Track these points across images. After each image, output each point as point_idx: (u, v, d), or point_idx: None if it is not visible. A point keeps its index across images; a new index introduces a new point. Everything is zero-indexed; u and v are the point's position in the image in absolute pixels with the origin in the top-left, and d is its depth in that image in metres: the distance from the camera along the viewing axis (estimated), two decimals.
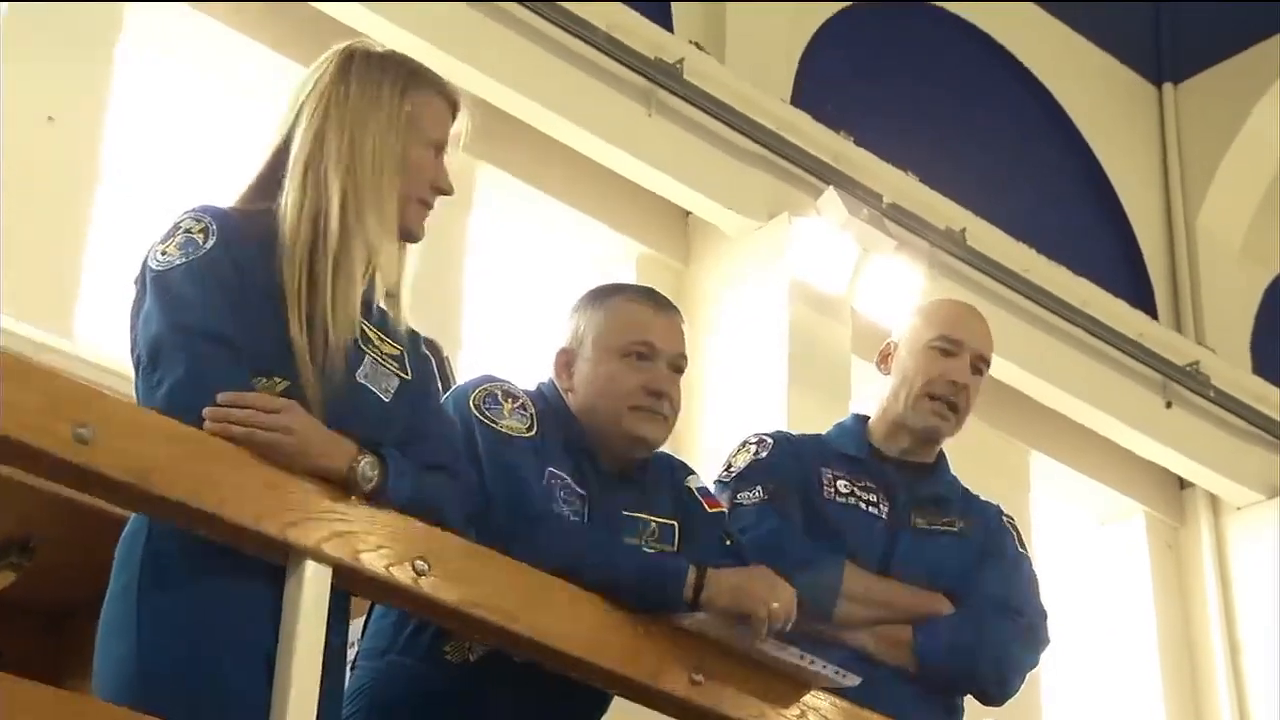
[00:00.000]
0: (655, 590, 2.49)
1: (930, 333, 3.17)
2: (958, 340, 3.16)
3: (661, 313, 2.82)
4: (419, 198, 2.41)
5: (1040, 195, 7.42)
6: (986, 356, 3.20)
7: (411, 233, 2.43)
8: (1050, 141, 7.61)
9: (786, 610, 2.54)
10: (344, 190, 2.32)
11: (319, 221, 2.31)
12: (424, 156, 2.41)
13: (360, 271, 2.31)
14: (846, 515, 3.09)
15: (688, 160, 5.88)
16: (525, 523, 2.54)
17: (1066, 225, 7.45)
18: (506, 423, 2.67)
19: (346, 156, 2.34)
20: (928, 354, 3.15)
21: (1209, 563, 7.37)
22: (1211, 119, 7.94)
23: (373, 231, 2.32)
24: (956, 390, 3.13)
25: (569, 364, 2.81)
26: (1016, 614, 3.03)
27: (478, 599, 2.30)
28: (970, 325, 3.20)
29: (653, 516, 2.78)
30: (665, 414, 2.76)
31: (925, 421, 3.14)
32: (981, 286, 6.57)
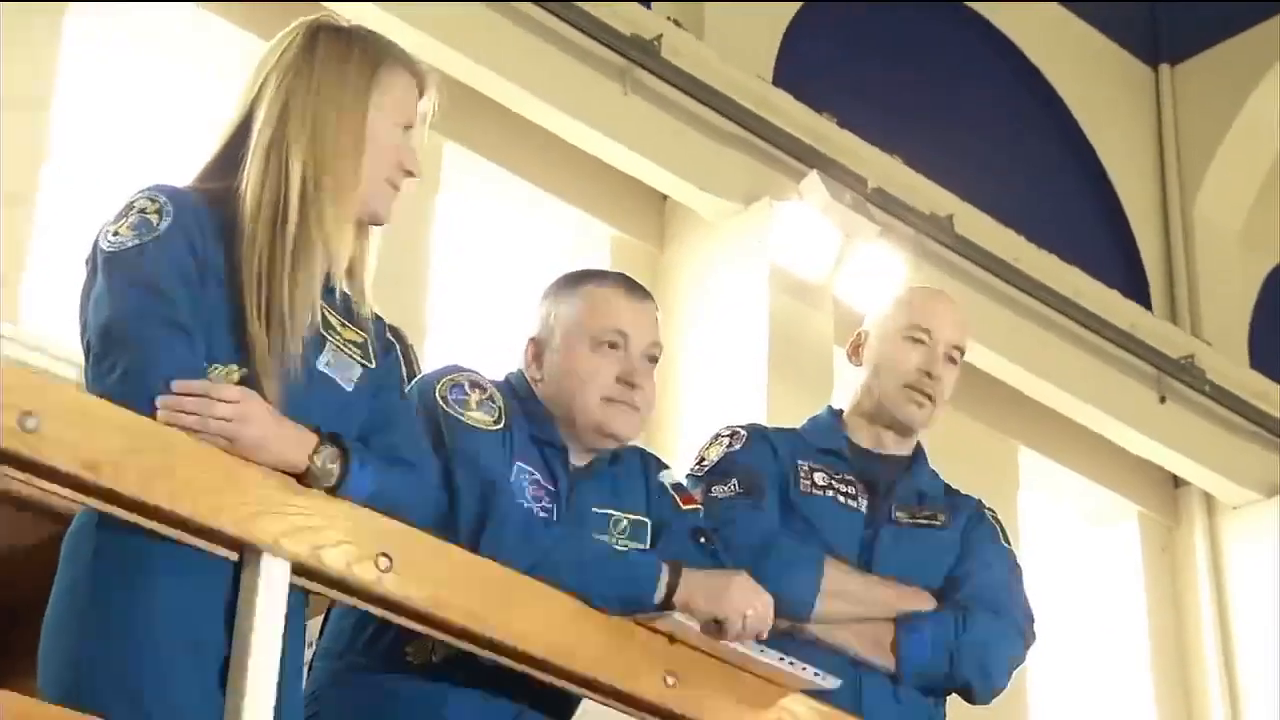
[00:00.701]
0: (627, 589, 2.50)
1: (900, 321, 3.20)
2: (928, 329, 3.18)
3: (635, 300, 2.82)
4: (386, 179, 2.41)
5: (1031, 180, 7.44)
6: (960, 344, 3.21)
7: (378, 215, 2.43)
8: (1042, 125, 7.63)
9: (763, 618, 2.55)
10: (305, 171, 2.32)
11: (279, 204, 2.31)
12: (391, 136, 2.41)
13: (319, 256, 2.31)
14: (824, 509, 3.11)
15: (664, 141, 5.89)
16: (492, 519, 2.54)
17: (1058, 212, 7.48)
18: (473, 414, 2.67)
19: (309, 136, 2.34)
20: (898, 343, 3.18)
21: (1204, 565, 7.41)
22: (1209, 102, 7.97)
23: (332, 215, 2.32)
24: (929, 380, 3.15)
25: (538, 353, 2.81)
26: (1001, 609, 3.06)
27: (442, 598, 2.30)
28: (941, 312, 3.22)
29: (625, 513, 2.78)
30: (638, 406, 2.77)
31: (900, 412, 3.16)
32: (969, 275, 6.60)
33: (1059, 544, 7.51)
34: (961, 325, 3.24)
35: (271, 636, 2.16)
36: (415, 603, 2.28)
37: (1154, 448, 7.21)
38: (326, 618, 2.69)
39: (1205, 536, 7.46)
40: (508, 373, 2.86)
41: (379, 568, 2.24)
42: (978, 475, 5.85)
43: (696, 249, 6.12)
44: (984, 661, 3.01)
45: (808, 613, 2.99)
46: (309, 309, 2.29)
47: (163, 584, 2.17)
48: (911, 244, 6.35)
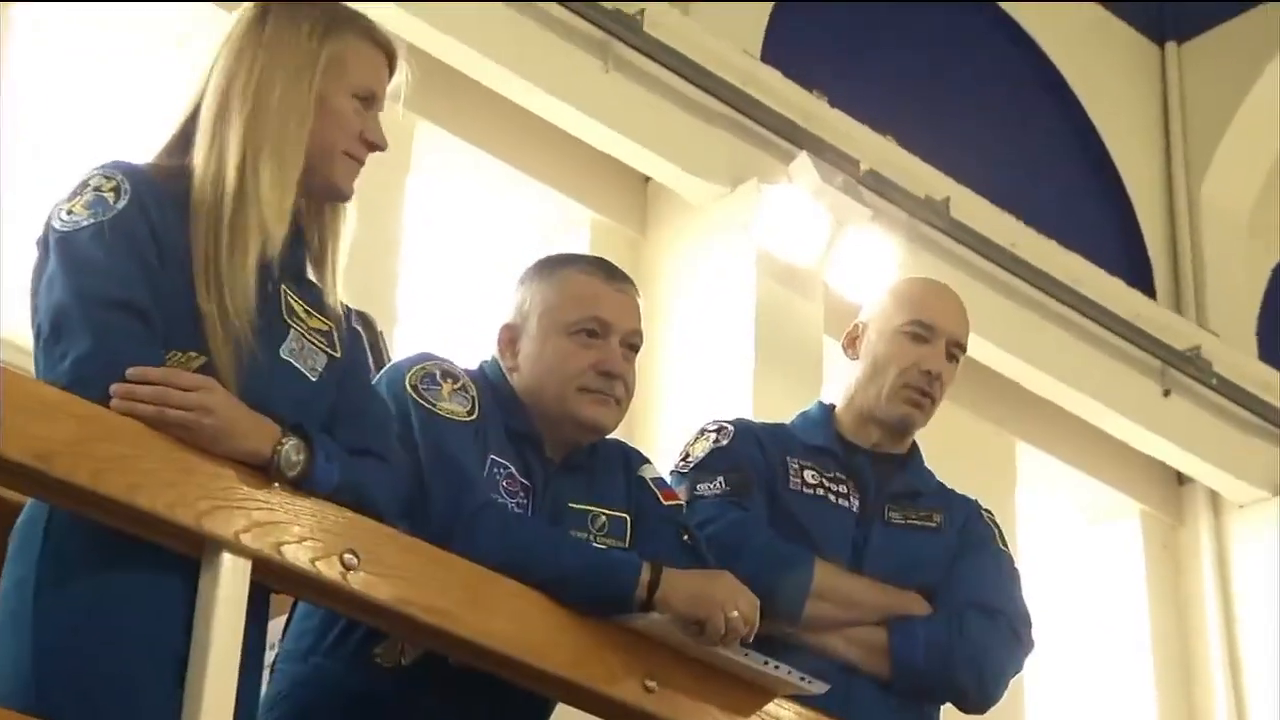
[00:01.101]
0: (605, 589, 2.51)
1: (901, 316, 3.20)
2: (931, 325, 3.19)
3: (615, 286, 2.83)
4: (344, 151, 2.41)
5: (1030, 163, 7.45)
6: (962, 342, 3.22)
7: (336, 189, 2.42)
8: (1042, 104, 7.64)
9: (748, 619, 2.56)
10: (245, 143, 2.33)
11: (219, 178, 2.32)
12: (346, 105, 2.40)
13: (254, 230, 2.30)
14: (814, 508, 3.11)
15: (647, 120, 5.89)
16: (465, 514, 2.55)
17: (1058, 196, 7.49)
18: (445, 405, 2.68)
19: (251, 106, 2.34)
20: (899, 339, 3.18)
21: (1208, 565, 7.43)
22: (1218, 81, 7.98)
23: (269, 186, 2.31)
24: (930, 380, 3.16)
25: (513, 341, 2.82)
26: (997, 614, 3.07)
27: (412, 596, 2.30)
28: (945, 308, 3.23)
29: (603, 509, 2.79)
30: (617, 397, 2.77)
31: (897, 412, 3.16)
32: (964, 261, 6.61)
33: (1057, 543, 7.53)
34: (965, 322, 3.25)
35: (231, 637, 2.16)
36: (383, 601, 2.28)
37: (1157, 443, 7.23)
38: (290, 617, 2.69)
39: (1210, 536, 7.48)
40: (481, 362, 2.86)
41: (345, 565, 2.24)
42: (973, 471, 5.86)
43: (680, 233, 6.11)
44: (980, 668, 3.02)
45: (796, 615, 3.00)
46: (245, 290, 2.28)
47: (117, 581, 2.17)
48: (905, 229, 6.36)
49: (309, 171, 2.38)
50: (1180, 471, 7.51)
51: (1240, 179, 7.93)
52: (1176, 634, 7.40)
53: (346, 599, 2.28)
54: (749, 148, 6.12)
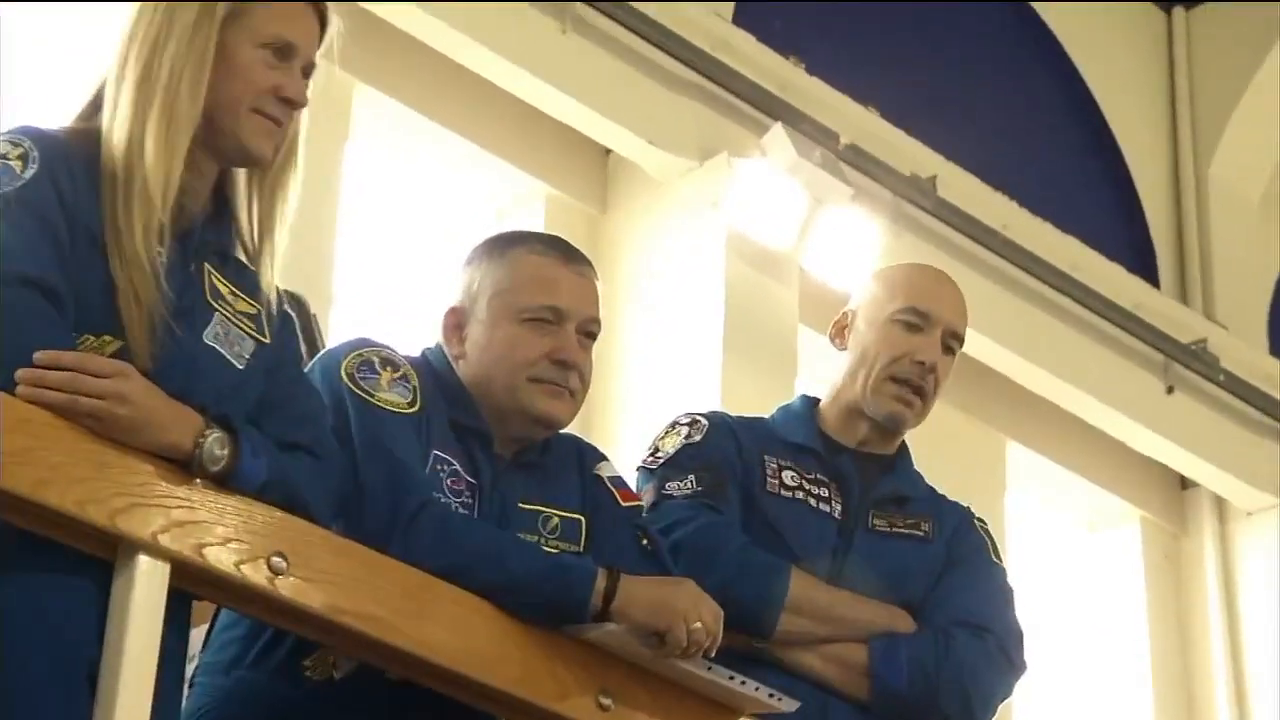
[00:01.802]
0: (557, 596, 2.51)
1: (894, 304, 3.20)
2: (926, 313, 3.19)
3: (572, 268, 2.83)
4: (252, 107, 2.39)
5: (1024, 138, 7.48)
6: (959, 332, 3.23)
7: (247, 152, 2.41)
8: (1038, 74, 7.67)
9: (711, 631, 2.57)
10: (135, 103, 2.32)
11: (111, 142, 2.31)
12: (253, 57, 2.39)
13: (140, 202, 2.28)
14: (793, 512, 3.12)
15: (608, 88, 5.89)
16: (404, 514, 2.55)
17: (1055, 174, 7.52)
18: (384, 395, 2.68)
19: (144, 62, 2.33)
20: (891, 328, 3.19)
21: (1213, 577, 7.47)
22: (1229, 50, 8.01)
23: (156, 146, 2.30)
24: (923, 372, 3.16)
25: (460, 326, 2.82)
26: (987, 633, 3.08)
27: (345, 604, 2.31)
28: (942, 295, 3.23)
29: (555, 510, 2.80)
30: (573, 389, 2.78)
31: (886, 408, 3.17)
32: (952, 244, 6.63)
33: (1050, 552, 7.56)
34: (963, 312, 3.26)
35: (148, 647, 2.16)
36: (314, 609, 2.28)
37: (1159, 444, 7.27)
38: (212, 626, 2.69)
39: (1216, 545, 7.52)
40: (424, 348, 2.86)
41: (273, 569, 2.24)
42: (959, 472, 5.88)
43: (643, 211, 6.12)
44: (966, 691, 3.04)
45: (768, 630, 3.00)
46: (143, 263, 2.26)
47: (22, 586, 2.17)
48: (889, 209, 6.37)
49: (215, 133, 2.37)
50: (1184, 475, 7.55)
51: (1252, 158, 7.96)
52: (1178, 652, 7.44)
53: (274, 606, 2.28)
54: (719, 118, 6.12)
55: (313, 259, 5.19)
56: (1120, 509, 7.54)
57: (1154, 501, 7.59)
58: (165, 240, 2.32)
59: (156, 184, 2.30)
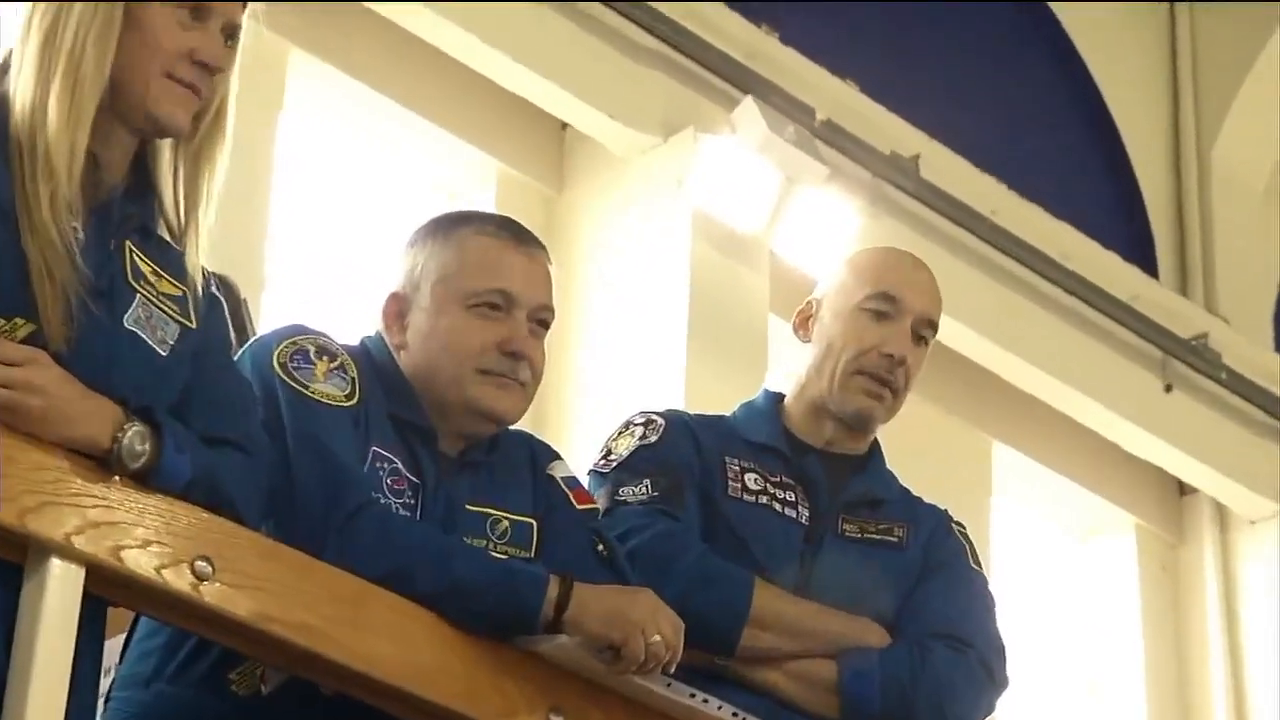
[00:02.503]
0: (506, 605, 2.52)
1: (861, 290, 3.22)
2: (896, 299, 3.20)
3: (523, 250, 2.84)
4: (164, 72, 2.38)
5: (1015, 117, 7.49)
6: (933, 320, 3.24)
7: (159, 120, 2.39)
8: (1031, 49, 7.69)
9: (671, 644, 2.57)
10: (39, 67, 2.32)
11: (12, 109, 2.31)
12: (167, 19, 2.38)
13: (44, 174, 2.27)
14: (756, 518, 3.13)
15: (563, 55, 5.89)
16: (340, 516, 2.55)
17: (1047, 156, 7.54)
18: (319, 387, 2.68)
19: (49, 24, 2.33)
20: (858, 317, 3.20)
21: (1213, 590, 7.51)
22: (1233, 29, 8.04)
23: (56, 118, 2.30)
24: (893, 366, 3.18)
25: (402, 313, 2.82)
26: (966, 646, 3.09)
27: (275, 612, 2.31)
28: (912, 280, 3.25)
29: (505, 512, 2.80)
30: (523, 381, 2.78)
31: (854, 404, 3.18)
32: (936, 229, 6.65)
33: (1038, 562, 7.59)
34: (936, 298, 3.27)
35: (59, 657, 2.15)
36: (241, 618, 2.28)
37: (1156, 446, 7.30)
38: (130, 636, 2.69)
39: (1215, 555, 7.56)
40: (364, 337, 2.86)
41: (197, 574, 2.24)
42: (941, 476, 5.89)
43: (602, 191, 6.12)
44: (944, 709, 3.05)
45: (731, 644, 3.01)
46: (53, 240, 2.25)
47: None
48: (867, 190, 6.39)
49: (124, 100, 2.36)
50: (1182, 480, 7.59)
51: (1257, 142, 8.00)
52: (1175, 671, 7.48)
53: (198, 614, 2.28)
54: (685, 91, 6.13)
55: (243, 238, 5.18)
56: (1114, 516, 7.58)
57: (1150, 508, 7.63)
58: (79, 215, 2.31)
59: (60, 154, 2.29)
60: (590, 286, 5.98)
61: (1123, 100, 7.88)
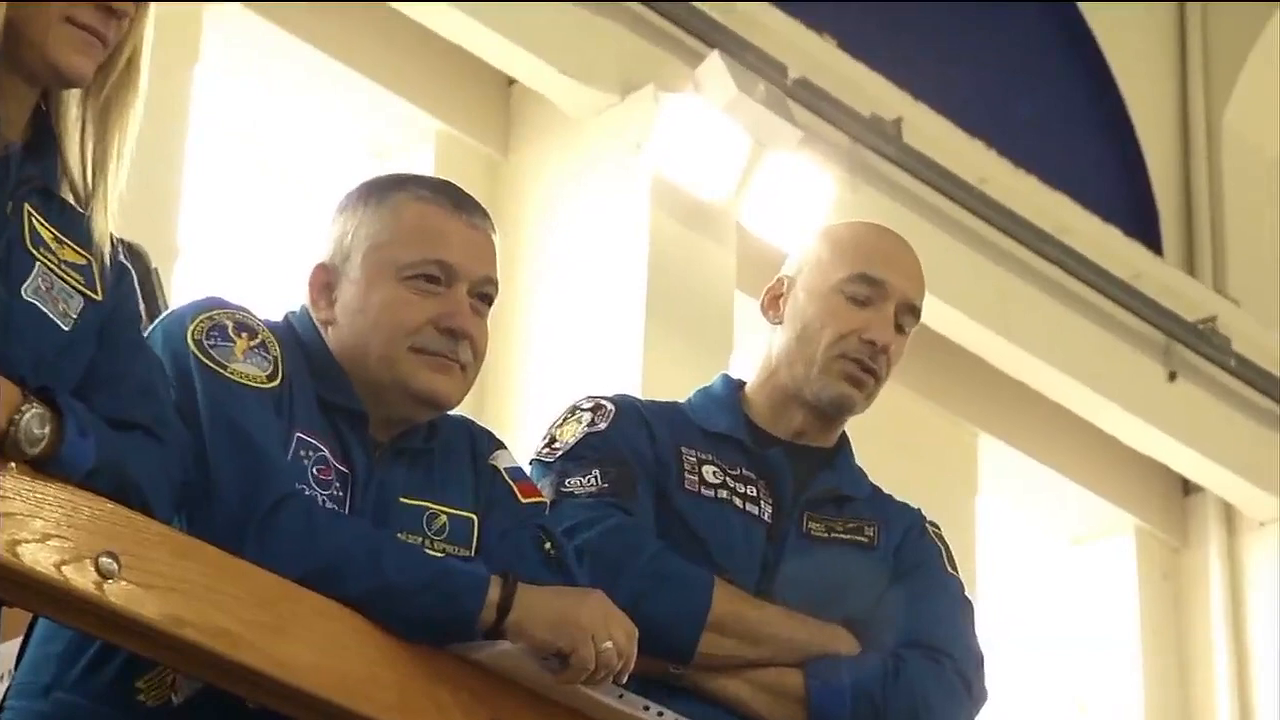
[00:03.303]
0: (442, 608, 2.52)
1: (840, 270, 3.22)
2: (879, 283, 3.21)
3: (464, 218, 2.84)
4: (65, 16, 2.37)
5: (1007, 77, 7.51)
6: (916, 306, 3.25)
7: (58, 68, 2.39)
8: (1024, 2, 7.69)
9: (623, 652, 2.59)
10: None
11: None
12: None
13: None
14: (715, 514, 3.14)
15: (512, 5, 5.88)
16: (260, 508, 2.55)
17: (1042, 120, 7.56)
18: (238, 367, 2.68)
19: None
20: (836, 300, 3.20)
21: (1218, 597, 7.54)
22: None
23: None
24: (875, 353, 3.19)
25: (329, 286, 2.82)
26: (942, 655, 3.11)
27: (188, 614, 2.30)
28: (897, 263, 3.25)
29: (443, 506, 2.81)
30: (463, 362, 2.78)
31: (834, 389, 3.18)
32: (919, 200, 6.66)
33: (1027, 567, 7.62)
34: (920, 282, 3.27)
35: None
36: (150, 620, 2.28)
37: (1158, 440, 7.33)
38: (26, 640, 2.69)
39: (1222, 560, 7.59)
40: (287, 312, 2.86)
41: (101, 571, 2.24)
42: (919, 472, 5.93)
43: (552, 154, 6.12)
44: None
45: (687, 651, 3.02)
46: None
47: None
48: (845, 156, 6.40)
49: (21, 46, 2.36)
50: (1186, 478, 7.62)
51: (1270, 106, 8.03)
52: (1177, 685, 7.51)
53: (102, 615, 2.27)
54: (644, 44, 6.13)
55: (155, 202, 5.17)
56: (1111, 517, 7.61)
57: (1151, 508, 7.66)
58: None
59: None
60: (538, 259, 5.99)
61: (1126, 59, 7.89)
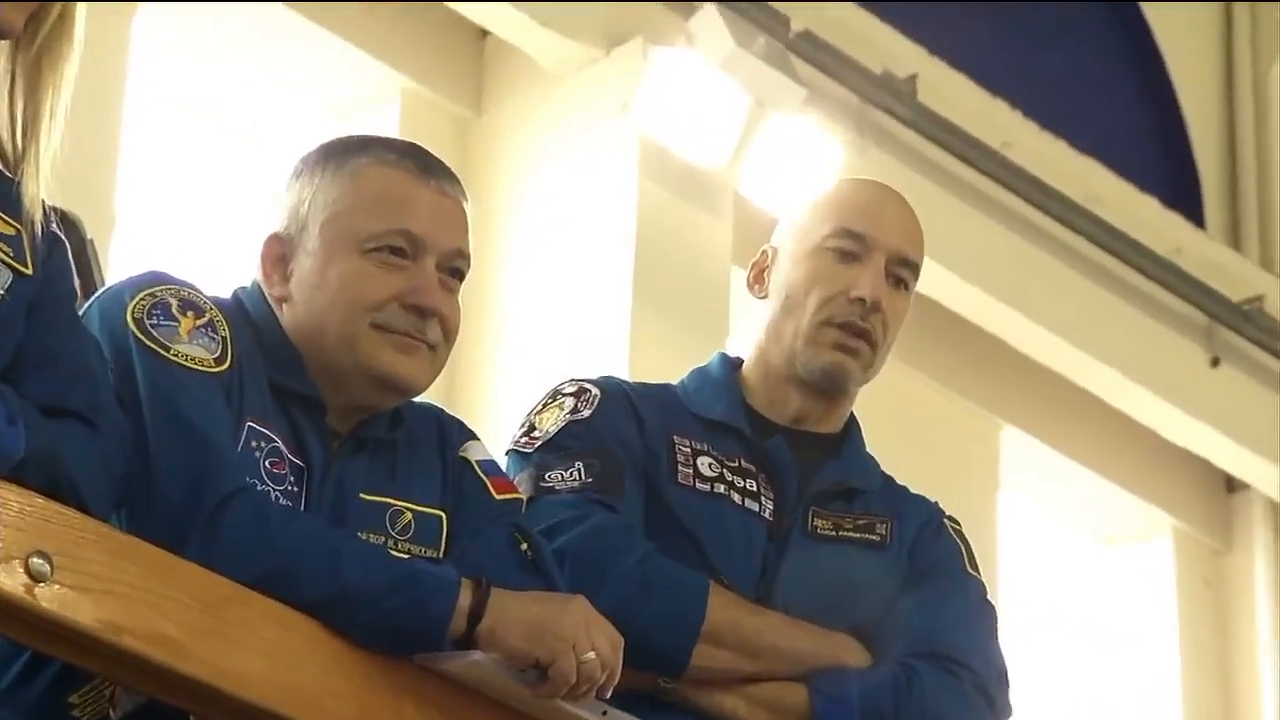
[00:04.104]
0: (407, 614, 2.53)
1: (821, 228, 3.23)
2: (861, 235, 3.21)
3: (433, 184, 2.84)
4: None
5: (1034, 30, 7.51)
6: (910, 258, 3.25)
7: None
8: None
9: (608, 664, 2.59)
10: None
11: None
12: None
13: None
14: (710, 511, 3.14)
15: None
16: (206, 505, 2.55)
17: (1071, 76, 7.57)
18: (183, 348, 2.68)
19: None
20: (819, 259, 3.20)
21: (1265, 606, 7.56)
22: None
23: None
24: (865, 311, 3.19)
25: (284, 259, 2.82)
26: (961, 667, 3.11)
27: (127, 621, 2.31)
28: (882, 212, 3.25)
29: (407, 503, 2.81)
30: (431, 342, 2.78)
31: (822, 359, 3.18)
32: (935, 165, 6.66)
33: (1055, 570, 7.63)
34: (913, 232, 3.28)
35: None
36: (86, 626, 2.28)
37: (1200, 432, 7.34)
38: None
39: (1269, 564, 7.60)
40: (237, 288, 2.87)
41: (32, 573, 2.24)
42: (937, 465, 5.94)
43: (530, 114, 6.12)
44: None
45: (679, 663, 3.03)
46: None
47: None
48: (853, 117, 6.41)
49: None
50: (1229, 474, 7.63)
51: None
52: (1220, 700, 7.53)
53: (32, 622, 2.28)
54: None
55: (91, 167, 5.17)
56: (1148, 517, 7.62)
57: (1192, 508, 7.67)
58: None
59: None
60: (514, 230, 5.99)
61: (1165, 11, 7.89)
